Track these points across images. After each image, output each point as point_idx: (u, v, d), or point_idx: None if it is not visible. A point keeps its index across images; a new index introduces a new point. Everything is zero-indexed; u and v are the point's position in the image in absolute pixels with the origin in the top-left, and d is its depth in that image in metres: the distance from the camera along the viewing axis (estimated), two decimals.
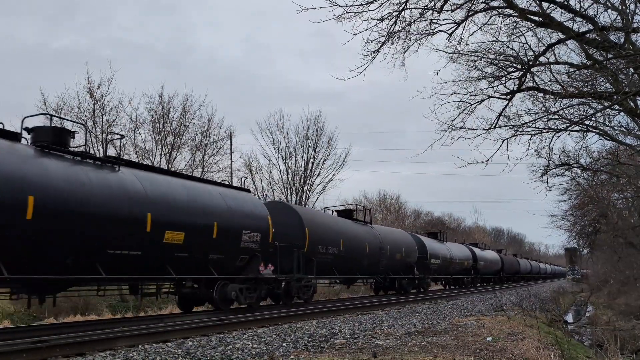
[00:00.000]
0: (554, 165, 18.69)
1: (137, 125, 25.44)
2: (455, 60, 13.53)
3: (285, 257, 15.50)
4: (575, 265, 72.98)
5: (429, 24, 11.80)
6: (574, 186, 30.57)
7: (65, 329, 9.77)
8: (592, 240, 40.99)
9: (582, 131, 16.97)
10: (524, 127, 15.01)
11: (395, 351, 7.60)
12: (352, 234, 20.01)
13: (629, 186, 25.63)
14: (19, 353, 6.36)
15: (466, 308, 16.59)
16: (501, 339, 9.30)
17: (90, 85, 23.97)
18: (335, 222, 19.76)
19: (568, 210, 37.12)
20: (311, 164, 35.25)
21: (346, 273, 19.77)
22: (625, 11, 12.54)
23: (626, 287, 28.13)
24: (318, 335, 9.11)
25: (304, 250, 16.39)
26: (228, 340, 8.29)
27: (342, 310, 14.06)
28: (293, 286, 15.68)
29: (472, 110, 13.63)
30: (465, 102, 13.63)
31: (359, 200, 58.68)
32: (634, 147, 18.74)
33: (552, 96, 14.43)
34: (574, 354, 10.92)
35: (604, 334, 13.17)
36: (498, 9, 12.01)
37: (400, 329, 10.45)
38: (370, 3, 10.96)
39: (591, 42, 12.07)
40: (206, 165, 27.87)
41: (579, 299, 40.21)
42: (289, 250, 15.73)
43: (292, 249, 15.83)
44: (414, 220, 59.64)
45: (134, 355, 6.82)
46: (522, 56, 13.61)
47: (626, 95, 11.97)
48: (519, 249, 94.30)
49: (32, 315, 16.70)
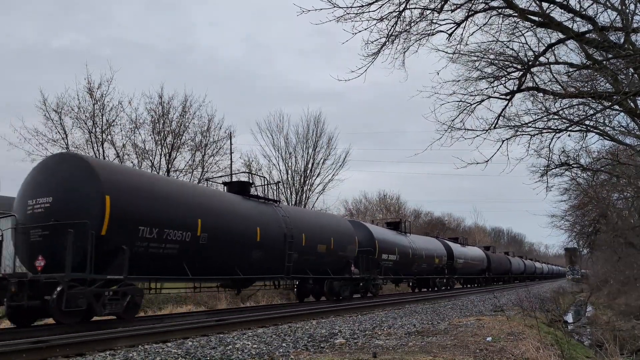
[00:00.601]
0: (554, 165, 18.68)
1: (137, 125, 25.45)
2: (455, 60, 13.53)
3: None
4: (575, 265, 72.94)
5: (429, 24, 11.80)
6: (574, 186, 30.60)
7: (65, 329, 9.76)
8: (592, 240, 40.98)
9: (582, 131, 16.97)
10: (523, 127, 15.01)
11: (395, 351, 7.60)
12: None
13: (629, 186, 25.63)
14: (19, 353, 6.36)
15: (466, 308, 16.60)
16: (501, 339, 9.30)
17: (90, 86, 23.98)
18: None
19: (568, 210, 37.13)
20: (311, 164, 35.24)
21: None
22: (625, 11, 12.54)
23: (626, 287, 28.12)
24: (318, 335, 9.10)
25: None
26: (228, 340, 8.29)
27: (342, 311, 14.06)
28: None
29: (472, 110, 13.63)
30: (465, 102, 13.63)
31: (359, 200, 58.78)
32: (634, 147, 18.74)
33: (552, 96, 14.43)
34: (574, 354, 10.92)
35: (604, 334, 13.16)
36: (498, 9, 12.01)
37: (400, 329, 10.45)
38: (371, 4, 10.96)
39: (591, 42, 12.06)
40: (206, 166, 27.86)
41: (579, 299, 40.21)
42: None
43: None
44: (414, 220, 59.57)
45: (133, 356, 6.82)
46: (522, 56, 13.61)
47: (626, 95, 11.96)
48: (519, 249, 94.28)
49: None
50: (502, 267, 46.75)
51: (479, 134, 13.68)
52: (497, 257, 46.21)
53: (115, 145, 24.48)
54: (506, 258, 49.90)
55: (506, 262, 48.85)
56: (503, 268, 47.09)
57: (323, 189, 35.83)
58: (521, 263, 58.06)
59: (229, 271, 13.77)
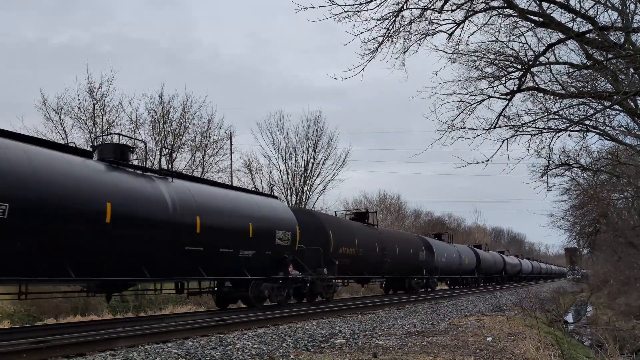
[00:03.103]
0: (554, 165, 18.71)
1: (137, 125, 25.47)
2: (455, 60, 13.55)
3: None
4: (575, 265, 72.95)
5: (429, 24, 11.81)
6: (574, 186, 30.61)
7: (65, 329, 9.78)
8: (592, 240, 40.96)
9: (582, 131, 16.96)
10: (524, 127, 15.01)
11: (396, 351, 7.60)
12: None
13: (629, 186, 25.63)
14: (19, 353, 6.36)
15: (466, 308, 16.60)
16: (501, 339, 9.30)
17: (90, 86, 24.00)
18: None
19: (568, 210, 37.13)
20: (311, 164, 35.27)
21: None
22: (625, 11, 12.54)
23: (626, 287, 28.10)
24: (318, 335, 9.10)
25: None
26: (228, 340, 8.29)
27: (342, 311, 14.06)
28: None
29: (472, 110, 13.64)
30: (465, 102, 13.64)
31: (359, 200, 58.76)
32: (634, 147, 18.73)
33: (552, 96, 14.43)
34: (574, 354, 10.92)
35: (604, 334, 13.16)
36: (498, 9, 12.02)
37: (401, 329, 10.45)
38: (369, 2, 10.96)
39: (591, 42, 12.07)
40: (206, 166, 27.90)
41: (579, 299, 40.22)
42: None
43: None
44: (414, 220, 59.67)
45: (134, 356, 6.82)
46: (522, 56, 13.62)
47: (626, 95, 11.96)
48: (519, 249, 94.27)
49: (32, 316, 16.71)
50: (495, 267, 44.01)
51: (479, 134, 13.69)
52: (489, 256, 43.05)
53: None
54: (500, 257, 47.20)
55: (500, 262, 46.15)
56: (496, 268, 44.51)
57: (323, 189, 35.91)
58: (517, 262, 55.08)
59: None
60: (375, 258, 22.41)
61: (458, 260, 33.89)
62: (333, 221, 20.76)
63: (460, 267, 34.71)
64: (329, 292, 17.92)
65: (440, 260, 30.25)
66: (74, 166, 9.85)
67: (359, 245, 20.66)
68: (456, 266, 33.68)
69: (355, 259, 20.28)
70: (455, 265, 33.36)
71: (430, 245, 29.36)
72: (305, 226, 17.48)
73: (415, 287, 26.76)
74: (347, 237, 20.21)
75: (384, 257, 23.06)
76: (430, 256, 28.94)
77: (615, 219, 31.45)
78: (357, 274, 21.19)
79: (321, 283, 17.24)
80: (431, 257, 28.96)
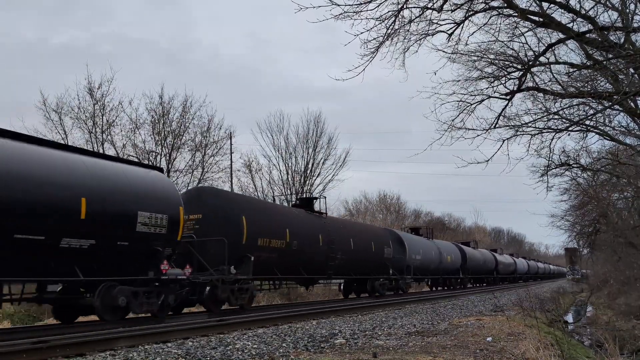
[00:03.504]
0: (554, 165, 18.67)
1: (137, 125, 25.47)
2: (455, 60, 13.54)
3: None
4: (575, 265, 72.96)
5: (429, 24, 11.80)
6: (574, 186, 30.58)
7: (65, 329, 9.76)
8: (592, 240, 40.93)
9: (582, 131, 16.96)
10: (524, 127, 15.00)
11: (396, 351, 7.60)
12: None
13: (629, 186, 25.63)
14: (19, 353, 6.36)
15: (466, 308, 16.61)
16: (501, 339, 9.30)
17: (90, 86, 24.01)
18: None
19: (568, 210, 37.09)
20: (311, 164, 35.26)
21: None
22: (625, 11, 12.54)
23: (626, 287, 28.12)
24: (318, 335, 9.10)
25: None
26: (228, 340, 8.29)
27: (342, 311, 14.06)
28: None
29: (472, 110, 13.63)
30: (465, 102, 13.63)
31: (359, 200, 58.80)
32: (634, 147, 18.72)
33: (552, 96, 14.42)
34: (574, 354, 10.93)
35: (604, 334, 13.16)
36: (498, 9, 12.01)
37: (400, 329, 10.45)
38: (369, 2, 10.96)
39: (591, 42, 12.07)
40: (206, 166, 27.89)
41: (579, 299, 40.22)
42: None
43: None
44: (414, 220, 59.61)
45: (134, 356, 6.82)
46: (522, 56, 13.61)
47: (626, 95, 11.96)
48: (519, 249, 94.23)
49: (32, 316, 16.71)
50: (485, 266, 40.45)
51: (479, 134, 13.68)
52: (477, 254, 39.34)
53: (115, 146, 24.52)
54: (491, 255, 43.66)
55: (491, 260, 42.22)
56: (486, 267, 40.87)
57: (323, 189, 35.84)
58: (511, 262, 51.15)
59: None
60: (318, 254, 17.98)
61: (438, 257, 29.60)
62: (250, 204, 16.13)
63: (441, 266, 30.25)
64: (241, 298, 14.04)
65: (414, 257, 25.84)
66: None
67: (291, 236, 16.25)
68: (435, 265, 29.15)
69: (287, 254, 16.12)
70: (434, 264, 28.91)
71: (400, 240, 25.11)
72: (210, 210, 13.95)
73: (380, 290, 22.56)
74: (271, 226, 15.67)
75: (331, 252, 18.67)
76: (400, 253, 24.58)
77: (615, 219, 31.45)
78: (290, 274, 16.75)
79: (227, 286, 13.31)
80: (402, 254, 24.67)
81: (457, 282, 34.85)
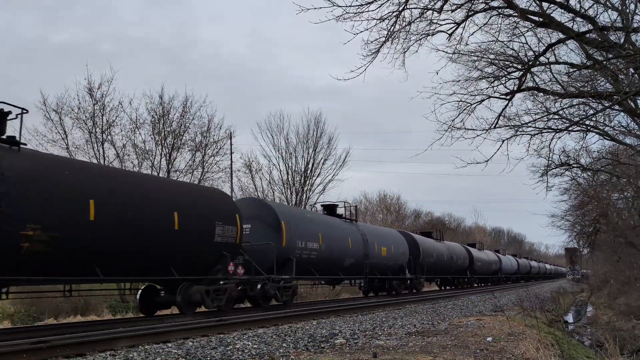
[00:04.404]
0: (554, 165, 18.70)
1: (137, 125, 25.48)
2: (455, 60, 13.56)
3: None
4: (575, 265, 72.99)
5: (429, 24, 11.81)
6: (574, 186, 30.61)
7: (65, 329, 9.77)
8: (592, 240, 40.94)
9: (582, 131, 16.97)
10: (524, 127, 15.01)
11: (396, 351, 7.60)
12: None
13: (629, 186, 25.64)
14: (19, 353, 6.36)
15: (466, 308, 16.60)
16: (501, 339, 9.30)
17: (90, 86, 24.01)
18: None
19: (568, 210, 37.15)
20: (311, 164, 35.28)
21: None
22: (625, 11, 12.55)
23: (626, 287, 28.12)
24: (318, 335, 9.10)
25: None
26: (228, 340, 8.29)
27: (342, 311, 14.06)
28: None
29: (472, 110, 13.64)
30: (465, 102, 13.64)
31: (359, 200, 58.77)
32: (634, 147, 18.73)
33: (552, 96, 14.43)
34: (574, 354, 10.93)
35: (604, 334, 13.17)
36: (498, 9, 12.02)
37: (401, 329, 10.45)
38: (370, 3, 10.97)
39: (591, 42, 12.08)
40: (206, 166, 27.89)
41: (579, 299, 40.22)
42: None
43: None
44: (414, 220, 59.68)
45: (134, 356, 6.82)
46: (522, 56, 13.63)
47: (626, 95, 11.97)
48: (519, 249, 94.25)
49: (32, 316, 16.72)
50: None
51: (479, 134, 13.70)
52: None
53: (115, 146, 24.53)
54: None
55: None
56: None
57: (323, 189, 35.90)
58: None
59: None
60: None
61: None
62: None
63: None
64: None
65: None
66: None
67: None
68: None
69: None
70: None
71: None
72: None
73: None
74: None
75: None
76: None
77: (615, 219, 31.45)
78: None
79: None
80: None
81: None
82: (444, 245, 31.46)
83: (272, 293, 14.94)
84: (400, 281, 23.95)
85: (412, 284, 25.34)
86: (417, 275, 25.16)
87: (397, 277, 23.50)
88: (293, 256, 15.88)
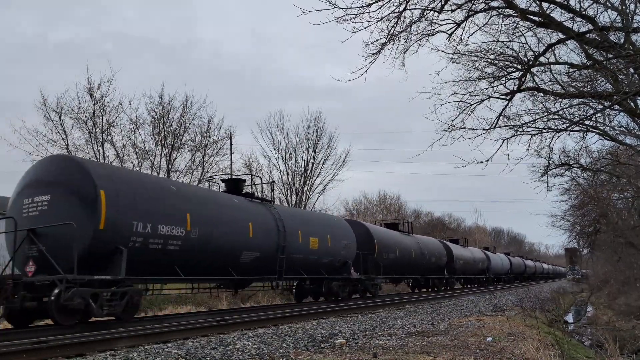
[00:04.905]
0: (554, 165, 18.73)
1: (137, 125, 25.47)
2: (455, 60, 13.57)
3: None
4: (575, 265, 73.01)
5: (429, 24, 11.82)
6: (574, 186, 30.62)
7: (65, 329, 9.76)
8: (592, 240, 40.95)
9: (582, 131, 16.99)
10: (524, 127, 15.03)
11: (396, 351, 7.60)
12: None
13: (629, 186, 25.63)
14: (19, 353, 6.36)
15: (466, 308, 16.61)
16: (501, 339, 9.30)
17: (90, 86, 24.00)
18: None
19: (568, 210, 37.13)
20: (311, 164, 35.28)
21: None
22: (625, 11, 12.56)
23: (626, 287, 28.11)
24: (318, 335, 9.10)
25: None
26: (228, 340, 8.29)
27: (342, 311, 14.07)
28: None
29: (472, 110, 13.65)
30: (465, 102, 13.65)
31: (359, 200, 58.79)
32: (634, 147, 18.74)
33: (552, 96, 14.44)
34: (574, 354, 10.93)
35: (604, 334, 13.16)
36: (498, 9, 12.03)
37: (401, 329, 10.45)
38: (371, 4, 10.97)
39: (591, 42, 12.08)
40: (206, 166, 27.88)
41: (579, 299, 40.21)
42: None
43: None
44: (414, 220, 59.64)
45: (134, 356, 6.82)
46: (522, 56, 13.63)
47: (626, 95, 11.97)
48: (519, 249, 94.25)
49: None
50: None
51: (479, 134, 13.72)
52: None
53: (115, 146, 24.52)
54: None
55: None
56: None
57: (323, 189, 35.90)
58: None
59: None
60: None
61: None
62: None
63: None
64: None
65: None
66: None
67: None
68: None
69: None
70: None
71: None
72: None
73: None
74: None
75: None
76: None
77: (615, 219, 31.45)
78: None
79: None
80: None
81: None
82: (413, 240, 27.59)
83: (77, 303, 9.50)
84: (344, 283, 18.99)
85: (363, 286, 20.72)
86: (369, 275, 20.88)
87: (336, 277, 18.60)
88: (124, 246, 10.62)
